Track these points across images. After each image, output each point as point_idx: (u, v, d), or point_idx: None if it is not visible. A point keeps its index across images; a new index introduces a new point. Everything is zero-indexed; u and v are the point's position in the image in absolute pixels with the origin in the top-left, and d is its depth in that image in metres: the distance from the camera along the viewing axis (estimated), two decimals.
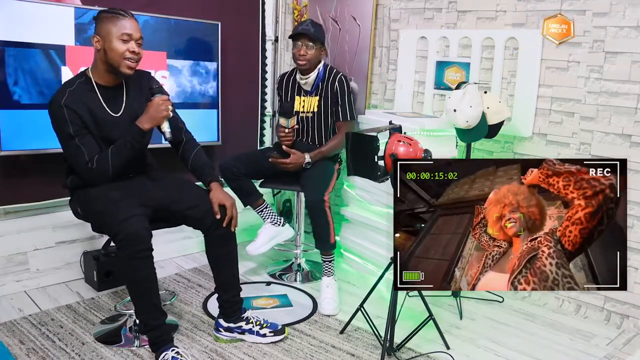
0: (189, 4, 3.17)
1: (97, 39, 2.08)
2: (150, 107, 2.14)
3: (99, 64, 2.12)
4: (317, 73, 2.94)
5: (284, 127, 2.90)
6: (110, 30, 2.05)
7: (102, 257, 2.81)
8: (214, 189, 2.24)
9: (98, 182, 2.10)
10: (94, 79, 2.13)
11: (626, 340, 2.52)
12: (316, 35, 2.85)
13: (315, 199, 2.72)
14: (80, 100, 2.07)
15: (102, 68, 2.12)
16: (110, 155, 2.08)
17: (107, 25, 2.06)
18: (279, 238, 2.98)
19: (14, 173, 2.67)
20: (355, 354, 2.31)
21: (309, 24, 2.88)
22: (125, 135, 2.11)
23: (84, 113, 2.06)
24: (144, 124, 2.13)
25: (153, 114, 2.14)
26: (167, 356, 2.06)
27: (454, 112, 2.61)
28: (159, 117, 2.14)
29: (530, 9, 2.83)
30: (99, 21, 2.08)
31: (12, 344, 2.24)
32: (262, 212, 2.95)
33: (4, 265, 2.73)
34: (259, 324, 2.36)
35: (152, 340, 2.11)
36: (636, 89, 2.54)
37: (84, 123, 2.07)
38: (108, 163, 2.08)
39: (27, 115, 2.60)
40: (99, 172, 2.08)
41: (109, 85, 2.16)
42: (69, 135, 2.05)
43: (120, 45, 2.06)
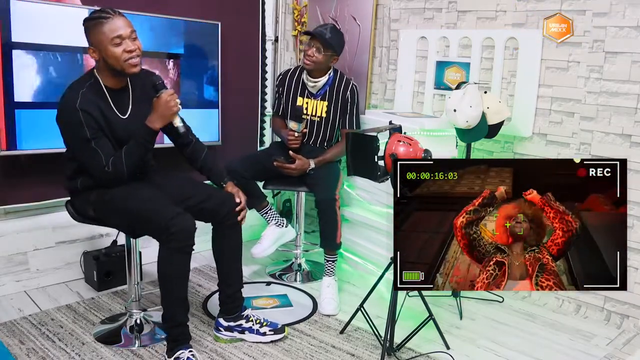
0: (189, 4, 3.17)
1: (93, 50, 2.05)
2: (158, 105, 2.10)
3: (103, 69, 2.09)
4: (327, 78, 2.93)
5: (294, 130, 2.90)
6: (101, 38, 2.01)
7: (102, 257, 2.81)
8: (230, 187, 2.34)
9: (113, 184, 2.10)
10: (102, 81, 2.10)
11: (626, 340, 2.52)
12: (329, 42, 2.81)
13: (327, 197, 2.73)
14: (93, 102, 2.04)
15: (107, 73, 2.10)
16: (124, 157, 2.07)
17: (96, 33, 2.02)
18: (283, 239, 2.98)
19: (14, 173, 2.67)
20: (355, 354, 2.31)
21: (329, 29, 2.84)
22: (136, 136, 2.10)
23: (97, 115, 2.04)
24: (155, 124, 2.10)
25: (163, 112, 2.10)
26: (182, 355, 2.08)
27: (454, 112, 2.61)
28: (169, 114, 2.12)
29: (530, 9, 2.83)
30: (88, 31, 2.04)
31: (12, 344, 2.24)
32: (266, 215, 2.95)
33: (4, 265, 2.73)
34: (259, 323, 2.36)
35: (174, 336, 2.12)
36: (636, 89, 2.54)
37: (99, 125, 2.05)
38: (123, 164, 2.07)
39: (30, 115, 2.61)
40: (115, 174, 2.07)
41: (115, 87, 2.14)
42: (86, 139, 2.02)
43: (116, 49, 2.01)
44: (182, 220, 2.03)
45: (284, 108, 3.04)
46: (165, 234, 2.01)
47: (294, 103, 3.00)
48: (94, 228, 2.91)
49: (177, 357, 2.08)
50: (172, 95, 2.12)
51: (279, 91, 3.10)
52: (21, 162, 2.67)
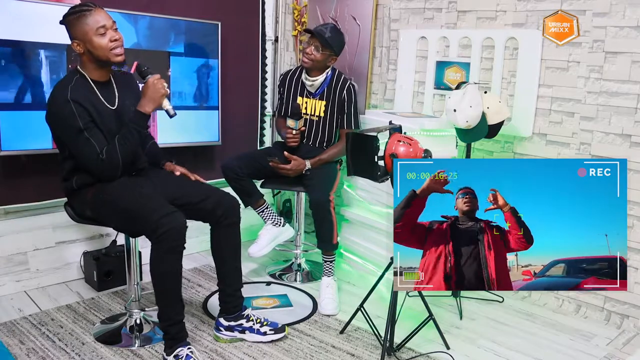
0: (189, 4, 3.17)
1: (77, 43, 2.06)
2: (146, 89, 2.12)
3: (87, 63, 2.12)
4: (325, 77, 2.94)
5: (292, 128, 2.90)
6: (85, 30, 2.03)
7: (102, 257, 2.81)
8: (169, 165, 2.45)
9: (108, 174, 2.10)
10: (88, 75, 2.13)
11: (626, 340, 2.52)
12: (328, 42, 2.82)
13: (321, 198, 2.72)
14: (83, 93, 2.06)
15: (92, 66, 2.12)
16: (118, 145, 2.08)
17: (79, 26, 2.04)
18: (280, 238, 2.98)
19: (14, 173, 2.67)
20: (355, 354, 2.31)
21: (329, 29, 2.85)
22: (128, 123, 2.12)
23: (89, 106, 2.06)
24: (146, 107, 2.12)
25: (152, 95, 2.12)
26: (182, 352, 2.09)
27: (454, 112, 2.61)
28: (158, 97, 2.13)
29: (530, 9, 2.83)
30: (70, 25, 2.06)
31: (12, 344, 2.24)
32: (262, 213, 2.95)
33: (4, 265, 2.73)
34: (260, 322, 2.37)
35: (172, 335, 2.12)
36: (636, 89, 2.54)
37: (91, 116, 2.07)
38: (117, 152, 2.08)
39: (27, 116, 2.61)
40: (110, 163, 2.08)
41: (101, 80, 2.16)
42: (79, 129, 2.03)
43: (101, 39, 2.05)
44: (171, 220, 2.01)
45: (286, 109, 3.04)
46: (155, 234, 2.00)
47: (294, 102, 3.01)
48: (94, 228, 2.91)
49: (177, 354, 2.09)
50: (160, 79, 2.15)
51: (280, 92, 3.11)
52: (21, 162, 2.67)
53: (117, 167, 2.10)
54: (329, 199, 2.73)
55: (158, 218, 2.00)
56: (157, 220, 1.99)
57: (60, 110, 2.03)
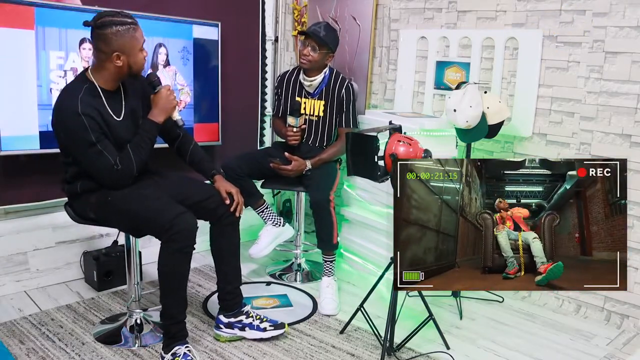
0: (189, 4, 3.17)
1: (118, 56, 2.02)
2: (159, 100, 2.17)
3: (107, 72, 2.07)
4: (323, 77, 2.94)
5: (292, 126, 2.90)
6: (133, 44, 2.03)
7: (102, 257, 2.81)
8: (218, 180, 2.34)
9: (123, 183, 2.11)
10: (98, 83, 2.09)
11: (626, 340, 2.52)
12: (324, 40, 2.82)
13: (321, 198, 2.72)
14: (92, 105, 2.03)
15: (111, 77, 2.09)
16: (132, 154, 2.10)
17: (127, 40, 2.01)
18: (281, 239, 2.98)
19: (14, 173, 2.67)
20: (355, 354, 2.31)
21: (322, 27, 2.85)
22: (141, 131, 2.14)
23: (98, 118, 2.04)
24: (158, 117, 2.17)
25: (164, 106, 2.18)
26: (179, 350, 2.10)
27: (454, 112, 2.61)
28: (169, 108, 2.19)
29: (530, 9, 2.83)
30: (115, 36, 1.99)
31: (12, 344, 2.24)
32: (262, 213, 2.95)
33: (4, 265, 2.73)
34: (259, 319, 2.38)
35: (173, 333, 2.13)
36: (636, 89, 2.54)
37: (101, 128, 2.06)
38: (132, 161, 2.09)
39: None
40: (124, 172, 2.08)
41: (111, 89, 2.13)
42: (91, 142, 2.01)
43: (141, 55, 2.09)
44: (184, 220, 2.04)
45: (284, 109, 3.04)
46: (167, 234, 2.02)
47: (293, 100, 3.01)
48: (94, 228, 2.91)
49: (174, 352, 2.10)
50: (170, 90, 2.20)
51: (278, 92, 3.10)
52: (21, 162, 2.67)
53: (131, 175, 2.11)
54: (329, 199, 2.73)
55: (172, 218, 2.02)
56: (170, 220, 2.01)
57: (70, 122, 2.00)
